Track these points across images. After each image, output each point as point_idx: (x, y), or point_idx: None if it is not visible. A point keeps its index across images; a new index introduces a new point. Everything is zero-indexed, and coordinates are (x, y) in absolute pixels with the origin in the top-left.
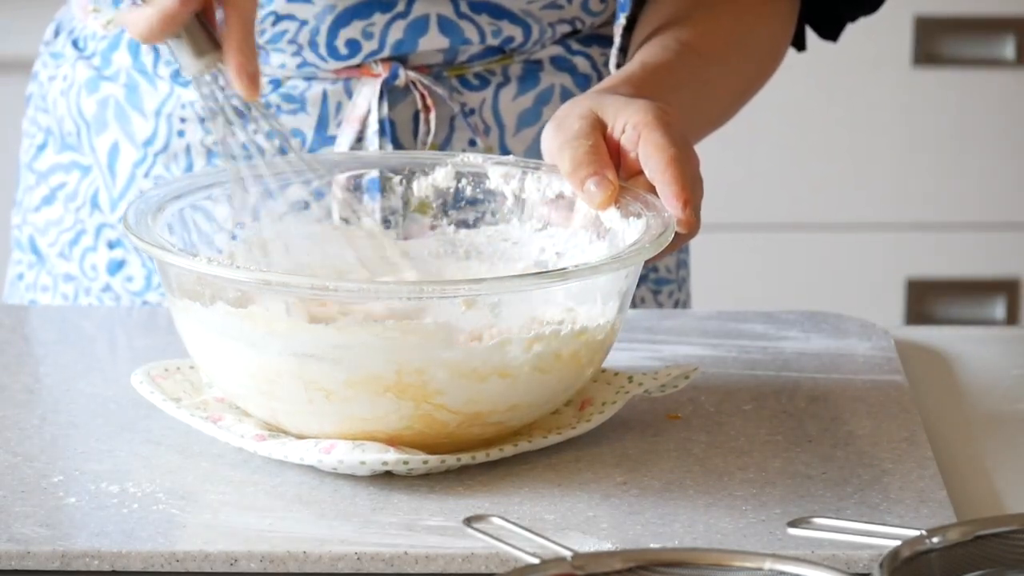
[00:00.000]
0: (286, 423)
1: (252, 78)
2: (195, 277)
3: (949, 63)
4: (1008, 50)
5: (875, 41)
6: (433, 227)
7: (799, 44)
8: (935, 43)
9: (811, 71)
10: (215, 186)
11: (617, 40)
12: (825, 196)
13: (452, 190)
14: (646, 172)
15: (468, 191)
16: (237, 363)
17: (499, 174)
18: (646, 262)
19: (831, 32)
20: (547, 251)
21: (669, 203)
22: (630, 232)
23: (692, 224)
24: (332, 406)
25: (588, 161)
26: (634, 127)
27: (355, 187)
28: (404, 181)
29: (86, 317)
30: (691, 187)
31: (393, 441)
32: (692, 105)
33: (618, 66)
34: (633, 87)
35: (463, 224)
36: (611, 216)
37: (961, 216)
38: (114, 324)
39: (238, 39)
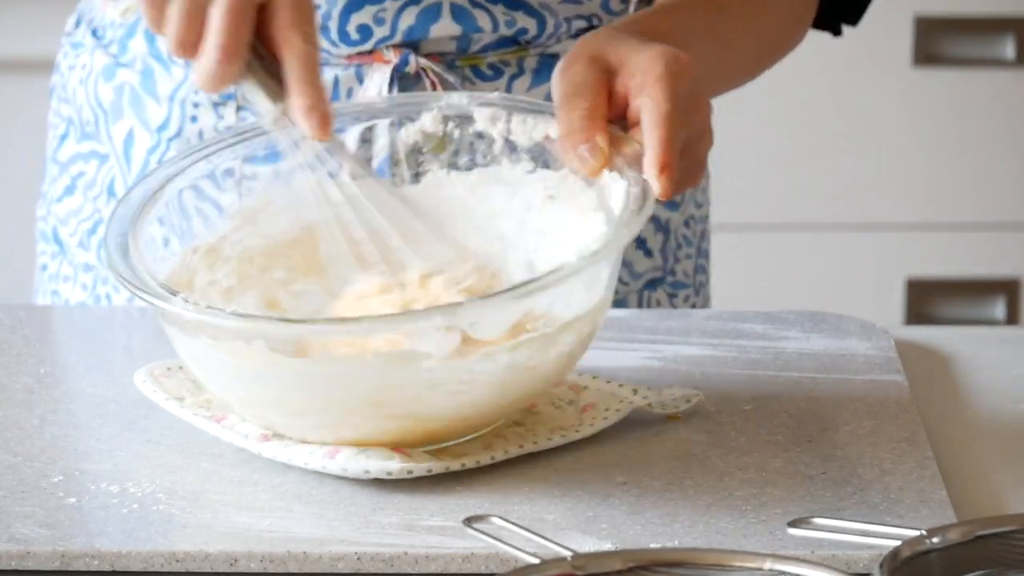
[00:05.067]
0: (285, 433)
1: (322, 118)
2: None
3: (949, 63)
4: (1008, 50)
5: (875, 41)
6: (423, 173)
7: (835, 30)
8: (935, 43)
9: (812, 71)
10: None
11: None
12: (825, 196)
13: (440, 134)
14: (641, 127)
15: (456, 134)
16: (226, 388)
17: (485, 116)
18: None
19: (851, 16)
20: (538, 195)
21: (647, 165)
22: (616, 189)
23: (668, 193)
24: (326, 429)
25: (582, 126)
26: (643, 74)
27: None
28: (390, 129)
29: (87, 317)
30: (676, 150)
31: (394, 445)
32: (709, 56)
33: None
34: (649, 29)
35: (455, 167)
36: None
37: (961, 216)
38: (115, 324)
39: (299, 79)
